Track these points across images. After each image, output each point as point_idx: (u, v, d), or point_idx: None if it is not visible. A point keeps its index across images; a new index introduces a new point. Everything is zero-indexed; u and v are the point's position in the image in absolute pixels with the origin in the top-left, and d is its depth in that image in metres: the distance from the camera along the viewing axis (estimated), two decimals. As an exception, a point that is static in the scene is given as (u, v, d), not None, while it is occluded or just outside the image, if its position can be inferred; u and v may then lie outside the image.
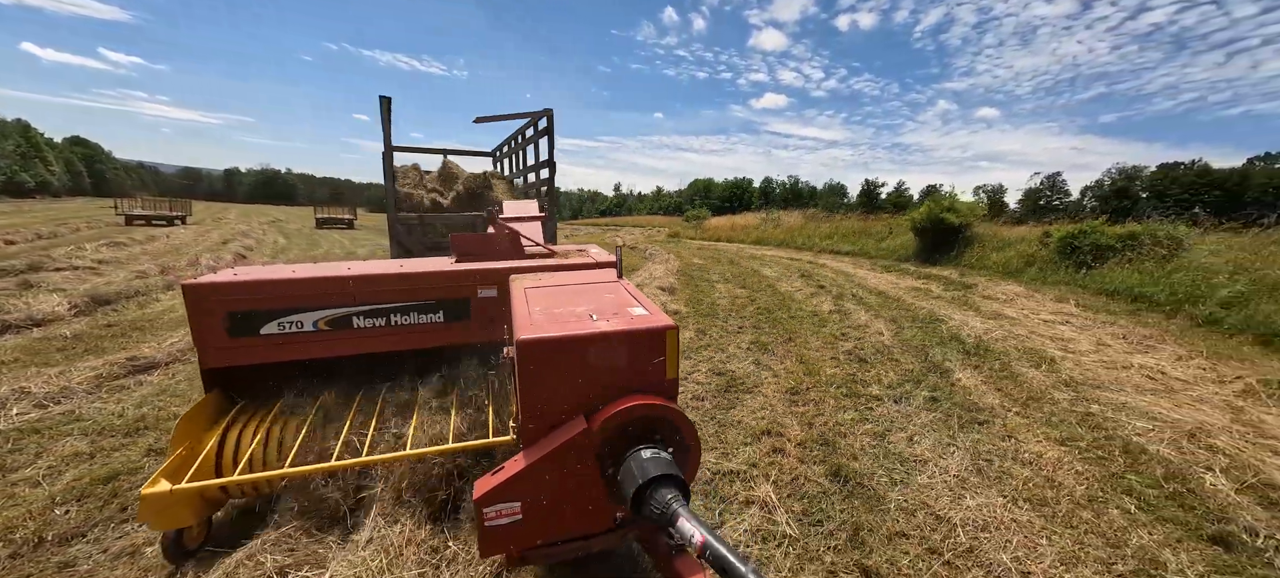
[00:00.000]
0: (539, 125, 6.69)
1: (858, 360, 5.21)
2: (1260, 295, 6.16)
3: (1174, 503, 2.76)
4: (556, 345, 1.66)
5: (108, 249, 13.57)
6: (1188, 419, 3.71)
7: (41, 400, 4.14)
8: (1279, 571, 2.27)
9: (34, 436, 3.62)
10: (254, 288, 2.63)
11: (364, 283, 2.73)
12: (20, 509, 2.79)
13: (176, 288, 9.60)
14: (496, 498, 1.64)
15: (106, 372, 4.75)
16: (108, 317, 7.17)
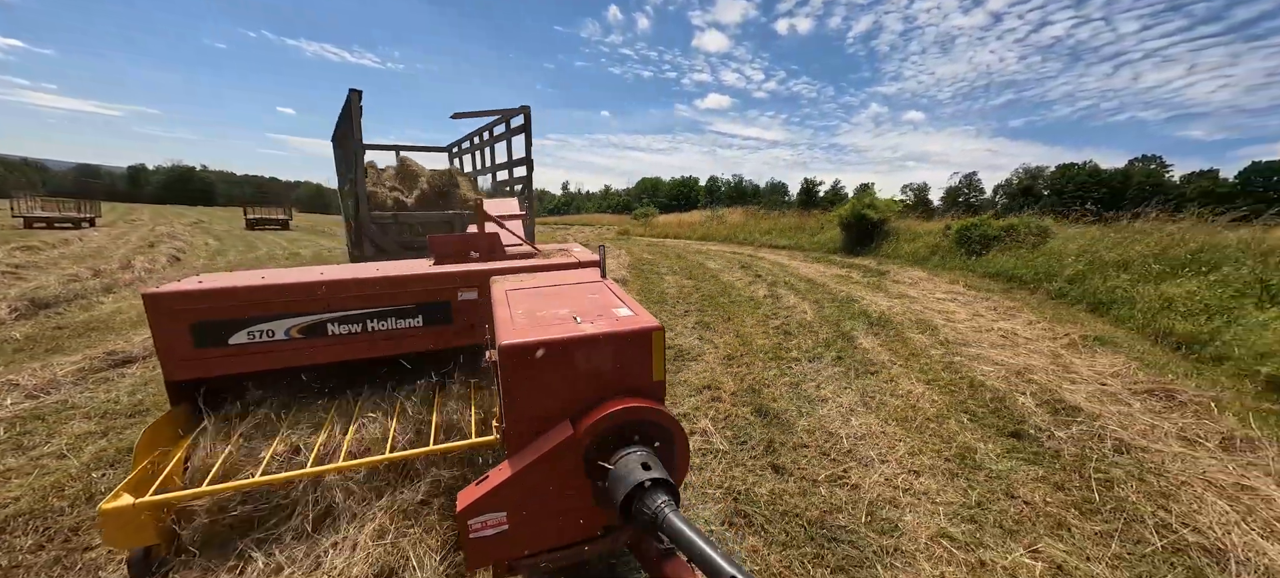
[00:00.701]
0: (511, 123, 6.65)
1: (784, 333, 6.19)
2: (1094, 273, 7.72)
3: (993, 416, 3.82)
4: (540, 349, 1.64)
5: (21, 253, 12.68)
6: (1020, 364, 4.90)
7: (31, 392, 4.34)
8: (1045, 448, 3.33)
9: (37, 422, 3.88)
10: (221, 296, 2.50)
11: (338, 288, 2.62)
12: (58, 476, 3.16)
13: (118, 290, 9.34)
14: (481, 509, 1.59)
15: (87, 366, 4.93)
16: (53, 320, 7.06)
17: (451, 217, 6.12)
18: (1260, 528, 2.49)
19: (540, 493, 1.64)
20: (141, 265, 11.83)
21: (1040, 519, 2.64)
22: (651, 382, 1.74)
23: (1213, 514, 2.59)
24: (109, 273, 10.71)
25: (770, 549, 2.45)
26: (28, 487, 3.04)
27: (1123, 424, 3.59)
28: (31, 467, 3.27)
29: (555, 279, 2.45)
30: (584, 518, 1.72)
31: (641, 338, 1.71)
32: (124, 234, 20.95)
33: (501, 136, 7.03)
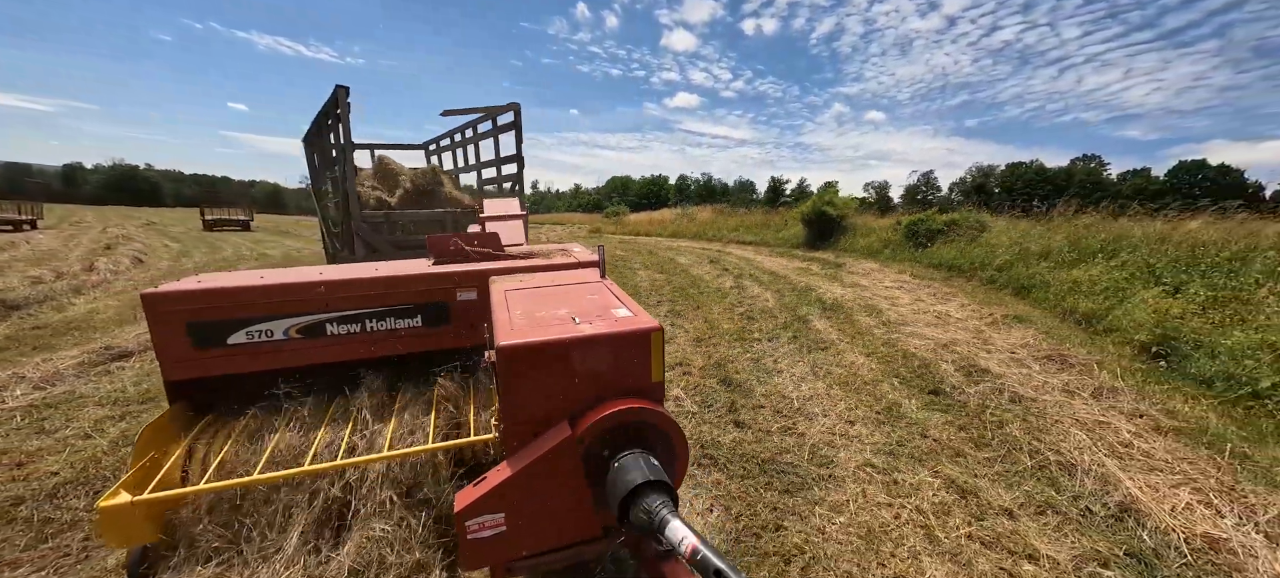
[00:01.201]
0: (499, 121, 6.65)
1: (747, 318, 6.82)
2: (1020, 262, 8.67)
3: (918, 379, 4.51)
4: (538, 351, 1.63)
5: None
6: (948, 338, 5.65)
7: (38, 383, 4.54)
8: (956, 401, 4.03)
9: (51, 409, 4.13)
10: (219, 296, 2.50)
11: (337, 288, 2.62)
12: (89, 453, 3.46)
13: (87, 292, 9.24)
14: (479, 510, 1.59)
15: (86, 360, 5.12)
16: (28, 321, 7.07)
17: (443, 215, 6.16)
18: (1105, 449, 3.21)
19: (538, 494, 1.63)
20: (105, 267, 11.61)
21: (943, 451, 3.30)
22: (650, 383, 1.73)
23: (1073, 442, 3.30)
24: (72, 275, 10.53)
25: (731, 480, 3.02)
26: (64, 462, 3.34)
27: (1020, 382, 4.33)
28: (61, 446, 3.55)
29: (554, 279, 2.44)
30: (582, 519, 1.70)
31: (640, 339, 1.71)
32: (73, 236, 20.10)
33: (487, 134, 7.01)
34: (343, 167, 5.72)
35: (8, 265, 11.67)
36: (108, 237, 19.71)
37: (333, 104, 5.46)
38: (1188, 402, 3.88)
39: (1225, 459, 3.04)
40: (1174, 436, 3.37)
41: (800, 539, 2.49)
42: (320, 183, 7.22)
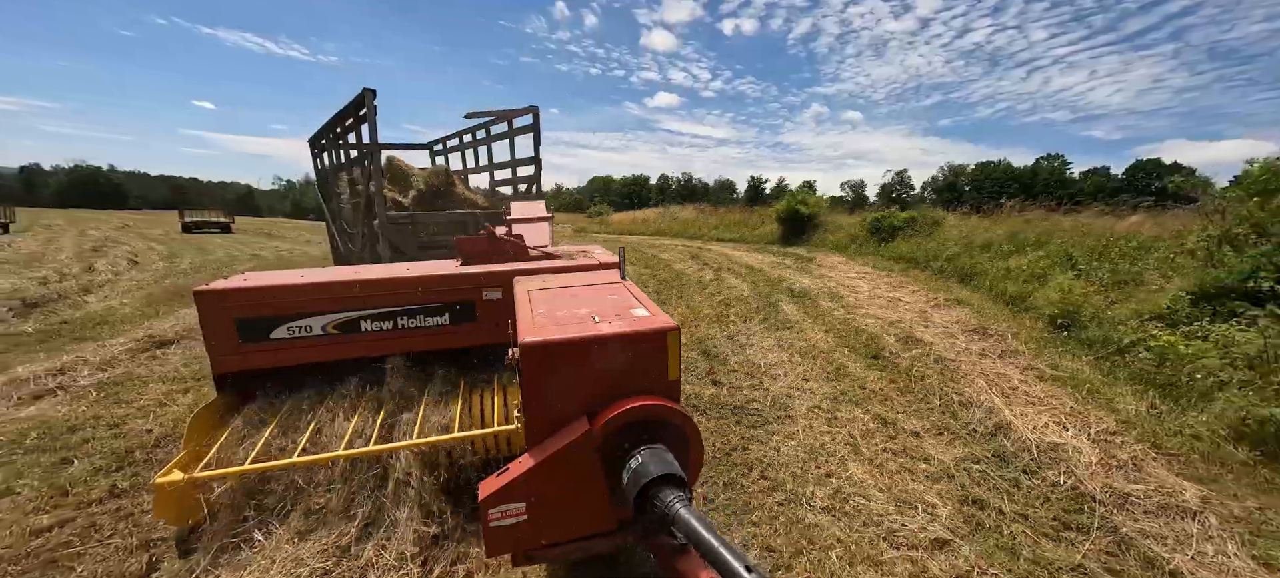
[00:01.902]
0: (515, 123, 6.79)
1: (725, 305, 7.67)
2: (965, 253, 9.72)
3: (865, 348, 5.40)
4: (559, 348, 1.68)
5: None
6: (895, 317, 6.57)
7: (99, 367, 5.11)
8: (892, 363, 4.92)
9: (118, 387, 4.72)
10: (265, 293, 2.67)
11: (371, 287, 2.76)
12: (171, 417, 4.09)
13: (96, 291, 9.61)
14: (501, 499, 1.66)
15: (134, 347, 5.68)
16: (51, 318, 7.51)
17: (465, 217, 6.30)
18: (996, 392, 4.12)
19: (557, 486, 1.69)
20: (105, 268, 11.90)
21: (875, 398, 4.17)
22: (666, 381, 1.78)
23: (974, 388, 4.21)
24: (75, 276, 10.84)
25: (710, 421, 3.84)
26: (153, 423, 3.97)
27: (946, 349, 5.25)
28: (142, 413, 4.18)
29: (576, 280, 2.52)
30: (599, 512, 1.75)
31: (657, 338, 1.75)
32: (52, 239, 19.93)
33: (501, 136, 7.15)
34: (367, 169, 5.85)
35: (4, 267, 11.86)
36: (89, 239, 19.65)
37: (357, 106, 5.58)
38: (1071, 359, 4.84)
39: (1082, 395, 3.98)
40: (1051, 382, 4.30)
41: (761, 455, 3.32)
42: (333, 184, 7.49)
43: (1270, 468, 2.92)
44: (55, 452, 3.48)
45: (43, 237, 21.32)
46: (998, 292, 7.63)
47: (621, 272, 2.65)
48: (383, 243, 5.78)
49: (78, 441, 3.65)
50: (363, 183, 6.05)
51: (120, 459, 3.42)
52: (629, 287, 2.35)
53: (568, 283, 2.47)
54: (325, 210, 8.03)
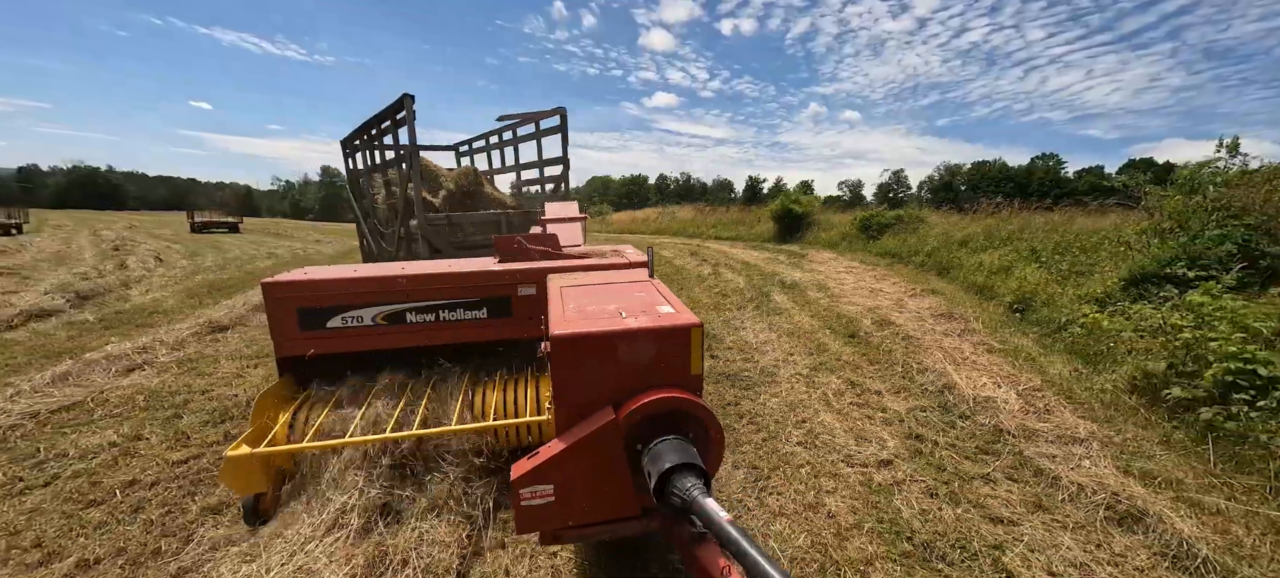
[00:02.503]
0: (541, 125, 7.04)
1: (721, 295, 8.41)
2: (945, 249, 10.47)
3: (844, 329, 6.15)
4: (587, 341, 1.77)
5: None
6: (874, 304, 7.32)
7: (171, 347, 5.82)
8: (865, 340, 5.66)
9: (193, 363, 5.42)
10: (323, 286, 2.89)
11: (416, 282, 2.96)
12: (252, 384, 4.80)
13: (135, 286, 10.28)
14: (531, 480, 1.75)
15: (198, 331, 6.39)
16: (104, 309, 8.19)
17: (499, 217, 6.56)
18: (949, 361, 4.86)
19: (583, 471, 1.77)
20: (137, 266, 12.58)
21: (848, 367, 4.91)
22: (689, 375, 1.85)
23: (932, 359, 4.95)
24: (112, 273, 11.51)
25: (707, 385, 4.57)
26: (238, 389, 4.68)
27: (914, 329, 6.00)
28: (224, 383, 4.89)
29: (606, 278, 2.63)
30: (622, 498, 1.82)
31: (681, 334, 1.82)
32: (69, 239, 20.57)
33: (528, 137, 7.39)
34: (405, 171, 6.08)
35: (31, 266, 12.53)
36: (104, 240, 20.27)
37: (396, 109, 5.81)
38: (1018, 336, 5.60)
39: (1019, 362, 4.73)
40: (997, 354, 5.05)
41: (749, 408, 4.06)
42: (366, 185, 7.82)
43: (1150, 411, 3.66)
44: (164, 410, 4.20)
45: (58, 237, 21.93)
46: (970, 283, 8.39)
47: (650, 270, 2.78)
48: (422, 243, 6.05)
49: (179, 402, 4.37)
50: (400, 185, 6.35)
51: (221, 416, 4.14)
52: (656, 285, 2.45)
53: (598, 280, 2.61)
54: (356, 210, 8.33)
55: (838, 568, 2.35)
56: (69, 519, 2.80)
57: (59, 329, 6.83)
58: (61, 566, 2.46)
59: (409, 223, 6.24)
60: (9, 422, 3.85)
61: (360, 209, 8.21)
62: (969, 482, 2.98)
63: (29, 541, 2.63)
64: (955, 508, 2.73)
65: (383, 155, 6.76)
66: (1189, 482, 2.87)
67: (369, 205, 7.60)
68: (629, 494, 1.81)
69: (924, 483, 2.97)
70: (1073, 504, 2.74)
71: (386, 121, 6.22)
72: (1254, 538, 2.42)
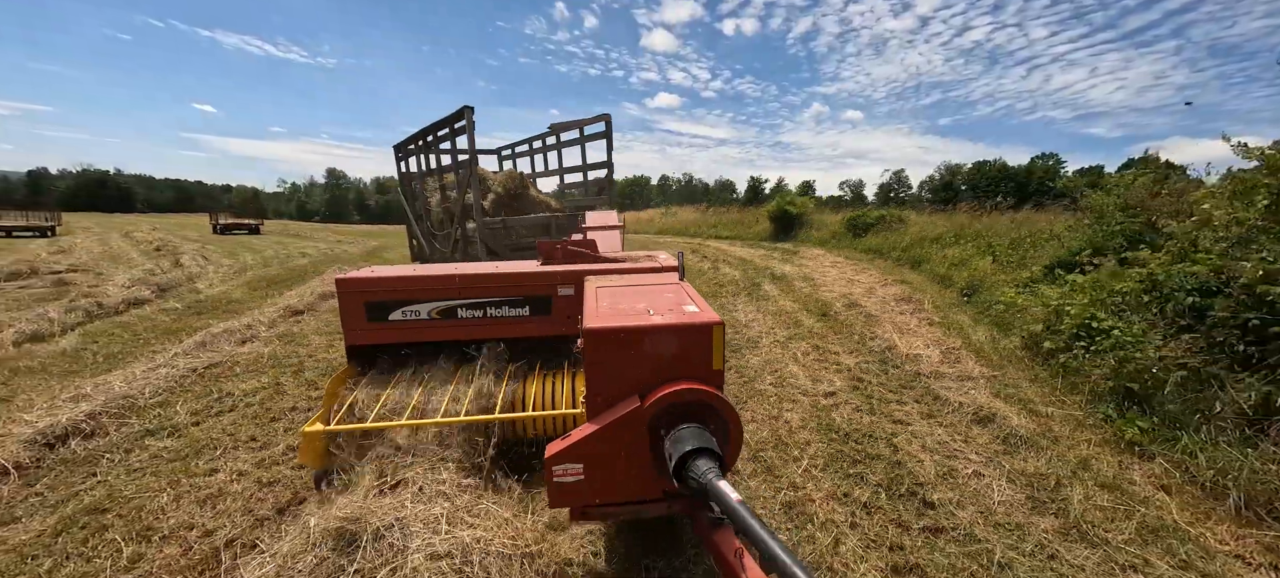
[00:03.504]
0: (585, 131, 7.64)
1: (718, 286, 9.67)
2: (918, 245, 11.71)
3: (819, 310, 7.40)
4: (616, 334, 1.93)
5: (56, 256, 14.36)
6: (848, 291, 8.57)
7: (267, 325, 7.09)
8: (834, 317, 6.91)
9: (288, 337, 6.69)
10: (387, 283, 3.16)
11: (467, 281, 3.21)
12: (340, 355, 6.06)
13: (196, 282, 11.57)
14: (563, 459, 1.92)
15: (279, 315, 7.66)
16: (184, 299, 9.47)
17: (547, 221, 7.03)
18: (896, 331, 6.11)
19: (610, 453, 1.92)
20: (190, 264, 13.89)
21: (816, 336, 6.16)
22: (711, 370, 1.98)
23: (883, 330, 6.20)
24: (169, 270, 12.81)
25: (704, 350, 5.84)
26: (334, 354, 5.94)
27: (876, 309, 7.25)
28: (319, 351, 6.15)
29: (639, 280, 2.81)
30: (645, 481, 1.97)
31: (703, 331, 1.96)
32: (103, 240, 21.84)
33: (572, 142, 7.95)
34: (462, 177, 6.56)
35: (100, 264, 13.85)
36: (140, 241, 21.59)
37: (455, 118, 6.28)
38: (959, 313, 6.85)
39: (950, 331, 5.98)
40: (937, 326, 6.31)
41: (734, 363, 5.31)
42: (419, 188, 8.32)
43: (1031, 360, 4.92)
44: (288, 367, 5.47)
45: (92, 238, 23.25)
46: (934, 273, 9.64)
47: (680, 273, 2.97)
48: (480, 245, 6.49)
49: (295, 362, 5.64)
50: (458, 190, 6.85)
51: (330, 370, 5.40)
52: (685, 287, 2.62)
53: (631, 282, 2.81)
54: (408, 213, 9.04)
55: (788, 446, 3.61)
56: (262, 428, 4.07)
57: (157, 315, 8.11)
58: (270, 452, 3.71)
59: (466, 226, 6.83)
60: (178, 374, 5.13)
61: (413, 211, 8.87)
62: (885, 403, 4.24)
63: (245, 437, 3.90)
64: (872, 417, 3.99)
65: (439, 161, 7.25)
66: (1036, 400, 4.13)
67: (422, 208, 8.32)
68: (652, 478, 1.96)
69: (854, 404, 4.23)
70: (951, 414, 4.00)
71: (444, 129, 6.66)
72: (1058, 426, 3.68)
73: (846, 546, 2.57)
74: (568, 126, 7.97)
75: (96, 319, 7.61)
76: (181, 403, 4.46)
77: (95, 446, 3.73)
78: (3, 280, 10.56)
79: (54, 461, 3.52)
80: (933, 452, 3.46)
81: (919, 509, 2.85)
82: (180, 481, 3.27)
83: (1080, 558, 2.45)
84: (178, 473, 3.36)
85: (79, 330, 6.99)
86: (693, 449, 1.71)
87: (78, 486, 3.23)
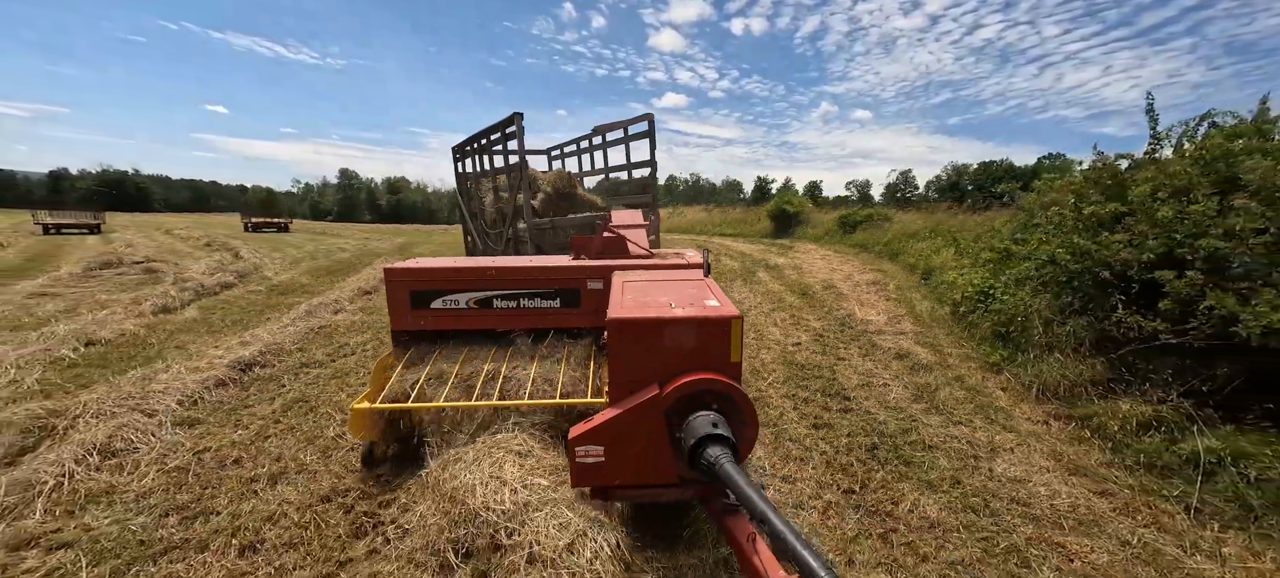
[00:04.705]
0: (629, 130, 7.89)
1: (718, 276, 11.17)
2: (897, 240, 13.15)
3: (801, 290, 8.89)
4: (637, 324, 2.03)
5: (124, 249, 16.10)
6: (829, 278, 10.06)
7: (348, 301, 8.66)
8: (810, 296, 8.39)
9: (369, 311, 8.26)
10: (430, 273, 3.35)
11: (503, 273, 3.36)
12: (415, 320, 7.63)
13: (252, 276, 13.20)
14: (586, 441, 2.01)
15: (355, 293, 9.24)
16: (262, 284, 11.07)
17: (592, 220, 7.08)
18: (857, 305, 7.60)
19: (629, 437, 2.03)
20: (250, 256, 15.57)
21: (794, 309, 7.66)
22: (728, 362, 2.06)
23: (849, 304, 7.69)
24: (233, 262, 14.48)
25: (703, 318, 7.36)
26: (410, 321, 7.50)
27: (846, 289, 8.74)
28: (397, 319, 7.70)
29: (664, 276, 2.92)
30: (662, 466, 2.06)
31: (722, 324, 2.05)
32: (149, 235, 23.66)
33: (616, 142, 8.22)
34: (514, 180, 6.90)
35: (165, 257, 15.56)
36: (186, 238, 23.35)
37: (507, 123, 6.62)
38: (913, 292, 8.32)
39: (901, 303, 7.46)
40: (892, 300, 7.79)
41: (728, 327, 6.83)
42: (474, 189, 8.99)
43: (954, 322, 6.40)
44: (379, 329, 7.03)
45: (138, 235, 25.06)
46: (906, 263, 11.10)
47: (705, 270, 3.06)
48: (529, 244, 6.87)
49: (381, 325, 7.20)
50: (509, 191, 7.28)
51: (414, 331, 6.96)
52: (709, 283, 2.68)
53: (656, 277, 2.89)
54: (463, 211, 9.77)
55: (759, 372, 5.11)
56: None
57: (248, 295, 9.73)
58: (393, 378, 5.25)
59: (517, 226, 7.26)
60: (302, 332, 6.70)
61: (468, 211, 9.55)
62: (835, 349, 5.75)
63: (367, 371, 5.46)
64: (823, 356, 5.49)
65: (491, 163, 7.79)
66: (945, 344, 5.63)
67: (477, 207, 8.95)
68: (669, 462, 2.03)
69: (813, 349, 5.74)
70: (881, 355, 5.50)
71: (496, 134, 7.05)
72: (952, 359, 5.18)
73: (788, 416, 4.08)
74: (612, 127, 8.28)
75: (202, 297, 9.24)
76: (315, 348, 6.05)
77: (272, 371, 5.31)
78: (101, 268, 12.25)
79: (250, 379, 5.09)
80: (859, 373, 4.96)
81: (840, 402, 4.35)
82: (342, 388, 4.83)
83: (932, 422, 3.94)
84: (337, 385, 4.93)
85: (194, 305, 8.61)
86: (707, 436, 1.80)
87: (276, 391, 4.79)
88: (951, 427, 3.84)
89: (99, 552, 2.57)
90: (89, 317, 7.22)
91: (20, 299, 8.69)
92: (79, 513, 2.88)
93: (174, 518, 2.85)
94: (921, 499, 2.89)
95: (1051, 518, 2.74)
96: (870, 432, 3.73)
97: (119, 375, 4.94)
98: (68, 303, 8.39)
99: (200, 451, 3.60)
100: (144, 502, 3.00)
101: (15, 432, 3.60)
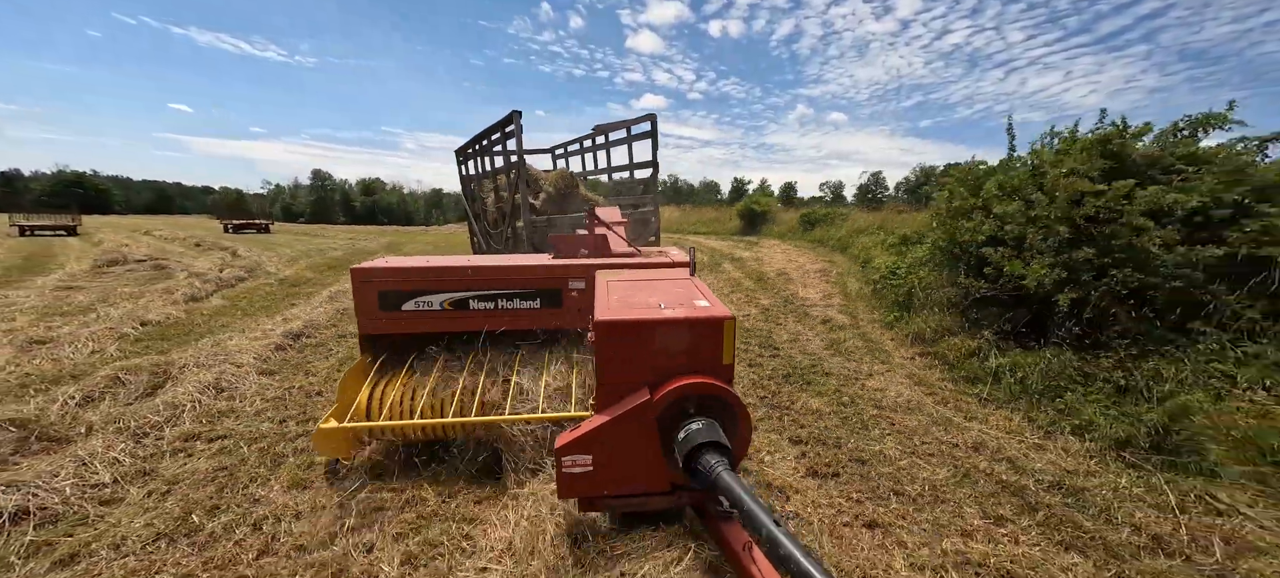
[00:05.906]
0: (632, 130, 8.00)
1: (689, 265, 12.57)
2: (849, 236, 14.77)
3: (757, 277, 10.33)
4: (626, 327, 1.96)
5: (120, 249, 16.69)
6: (784, 267, 11.54)
7: (359, 290, 9.73)
8: (765, 282, 9.85)
9: (379, 297, 9.38)
10: (400, 273, 3.24)
11: (480, 272, 3.28)
12: (423, 304, 8.78)
13: (268, 265, 14.03)
14: (573, 450, 1.95)
15: (363, 284, 10.30)
16: (268, 279, 11.99)
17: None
18: (801, 287, 9.07)
19: (619, 446, 1.96)
20: (248, 255, 16.32)
21: (749, 291, 9.08)
22: (721, 364, 2.01)
23: (795, 286, 9.15)
24: (234, 260, 15.24)
25: (673, 299, 8.73)
26: (420, 305, 8.65)
27: (796, 276, 10.22)
28: (407, 304, 8.85)
29: (650, 275, 2.92)
30: (654, 473, 2.01)
31: (714, 326, 2.00)
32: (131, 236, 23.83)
33: (619, 142, 8.24)
34: (512, 178, 6.87)
35: (165, 256, 16.20)
36: (167, 238, 23.67)
37: (505, 123, 6.58)
38: (850, 277, 9.84)
39: (836, 285, 8.96)
40: (829, 283, 9.29)
41: (692, 305, 8.21)
42: (477, 189, 9.14)
43: (873, 296, 7.90)
44: (394, 311, 8.16)
45: (119, 236, 25.17)
46: (853, 256, 12.67)
47: (691, 269, 3.05)
48: (526, 243, 6.79)
49: (397, 309, 8.34)
50: (508, 190, 7.21)
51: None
52: (696, 282, 2.67)
53: (642, 276, 2.86)
54: (468, 212, 10.00)
55: (713, 335, 6.49)
56: (405, 335, 6.79)
57: (263, 287, 10.69)
58: (417, 345, 6.43)
59: (516, 225, 7.27)
60: (330, 313, 7.80)
61: (472, 211, 9.73)
62: (776, 319, 7.17)
63: (400, 338, 6.64)
64: (765, 323, 6.89)
65: (492, 163, 7.79)
66: (861, 312, 7.11)
67: (480, 208, 9.12)
68: (660, 470, 2.02)
69: (759, 319, 7.14)
70: (811, 321, 6.93)
71: (496, 133, 6.99)
72: (863, 323, 6.66)
73: (730, 360, 5.45)
74: (614, 127, 8.29)
75: (221, 289, 10.18)
76: (348, 324, 7.18)
77: (315, 340, 6.43)
78: (109, 266, 12.97)
79: (302, 344, 6.22)
80: (789, 333, 6.38)
81: (771, 351, 5.73)
82: (381, 351, 6.00)
83: (834, 362, 5.34)
84: (376, 349, 6.09)
85: (216, 295, 9.58)
86: (702, 443, 1.77)
87: (327, 353, 5.94)
88: (847, 364, 5.26)
89: (249, 438, 3.74)
90: (131, 305, 8.17)
91: (49, 292, 9.52)
92: (218, 422, 4.04)
93: (291, 423, 4.03)
94: (811, 401, 4.28)
95: (891, 406, 4.15)
96: (788, 369, 5.12)
97: (187, 345, 6.01)
98: (96, 295, 9.27)
99: (287, 388, 4.76)
100: (263, 415, 4.17)
101: (146, 374, 4.71)
